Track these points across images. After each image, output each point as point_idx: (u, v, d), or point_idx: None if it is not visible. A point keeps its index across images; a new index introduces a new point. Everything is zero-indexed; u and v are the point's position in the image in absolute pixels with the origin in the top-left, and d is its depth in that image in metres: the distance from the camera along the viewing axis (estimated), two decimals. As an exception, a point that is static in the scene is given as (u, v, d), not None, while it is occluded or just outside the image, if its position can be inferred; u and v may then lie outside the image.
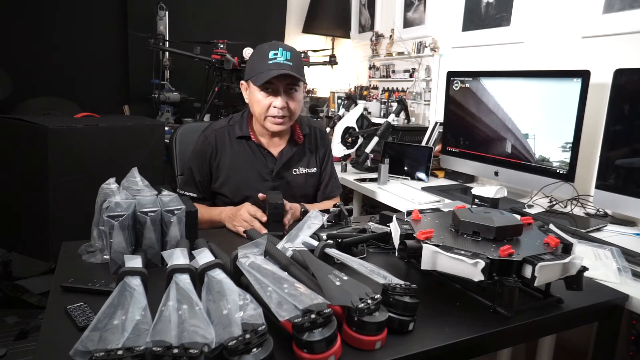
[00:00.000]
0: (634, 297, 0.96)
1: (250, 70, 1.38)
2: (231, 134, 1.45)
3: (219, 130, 1.45)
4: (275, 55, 1.32)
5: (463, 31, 2.36)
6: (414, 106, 2.71)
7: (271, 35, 3.37)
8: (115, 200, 0.94)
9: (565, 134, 1.57)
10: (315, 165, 1.54)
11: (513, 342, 1.22)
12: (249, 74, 1.38)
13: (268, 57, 1.32)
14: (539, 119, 1.66)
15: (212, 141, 1.43)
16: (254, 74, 1.35)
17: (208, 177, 1.45)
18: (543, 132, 1.65)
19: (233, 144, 1.44)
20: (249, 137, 1.44)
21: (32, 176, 1.80)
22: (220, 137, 1.44)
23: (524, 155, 1.72)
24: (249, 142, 1.45)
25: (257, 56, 1.37)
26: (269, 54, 1.32)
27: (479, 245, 0.85)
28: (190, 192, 1.44)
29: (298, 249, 0.88)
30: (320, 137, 1.57)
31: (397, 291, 0.75)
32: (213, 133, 1.45)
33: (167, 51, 2.87)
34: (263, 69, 1.32)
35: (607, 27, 1.67)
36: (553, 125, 1.61)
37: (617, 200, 1.41)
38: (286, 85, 1.35)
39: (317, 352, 0.63)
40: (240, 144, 1.45)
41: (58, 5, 2.75)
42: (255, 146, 1.45)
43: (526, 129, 1.71)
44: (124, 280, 0.72)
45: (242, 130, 1.44)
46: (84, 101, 2.79)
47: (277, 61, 1.31)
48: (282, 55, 1.32)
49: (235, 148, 1.44)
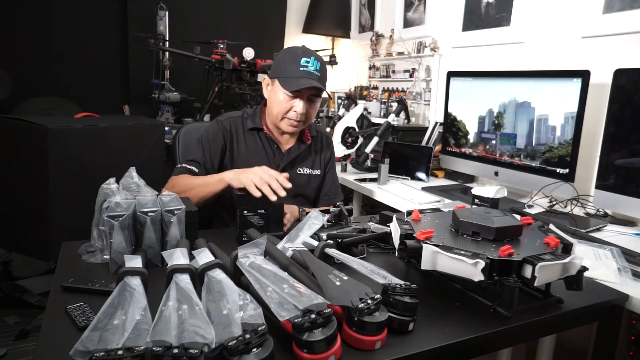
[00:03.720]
0: (634, 297, 0.96)
1: (279, 69, 1.38)
2: (245, 125, 1.47)
3: (233, 119, 1.48)
4: (307, 63, 1.34)
5: (463, 31, 2.36)
6: (414, 106, 2.71)
7: (271, 35, 3.38)
8: (115, 200, 0.94)
9: (565, 134, 1.57)
10: (319, 168, 1.55)
11: (513, 342, 1.22)
12: (278, 73, 1.38)
13: (300, 63, 1.34)
14: (538, 118, 1.66)
15: (227, 127, 1.45)
16: (283, 76, 1.36)
17: (218, 158, 1.43)
18: (543, 131, 1.65)
19: (246, 134, 1.47)
20: (261, 128, 1.46)
21: (31, 176, 1.80)
22: (234, 125, 1.47)
23: (524, 155, 1.72)
24: (261, 133, 1.47)
25: (288, 57, 1.37)
26: (301, 60, 1.34)
27: (479, 245, 0.85)
28: (191, 166, 1.39)
29: (298, 249, 0.88)
30: (327, 142, 1.60)
31: (397, 291, 0.75)
32: (228, 120, 1.47)
33: (167, 51, 2.87)
34: (293, 74, 1.34)
35: (607, 27, 1.67)
36: (552, 125, 1.61)
37: (617, 200, 1.41)
38: (310, 94, 1.38)
39: (317, 352, 0.63)
40: (252, 135, 1.47)
41: (58, 5, 2.75)
42: (266, 139, 1.47)
43: (526, 129, 1.71)
44: (124, 280, 0.72)
45: (255, 122, 1.47)
46: (84, 101, 2.79)
47: (309, 70, 1.34)
48: (313, 65, 1.35)
49: (248, 139, 1.46)
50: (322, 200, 1.57)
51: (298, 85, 1.33)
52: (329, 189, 1.58)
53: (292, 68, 1.34)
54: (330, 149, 1.61)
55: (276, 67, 1.40)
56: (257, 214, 1.14)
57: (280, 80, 1.36)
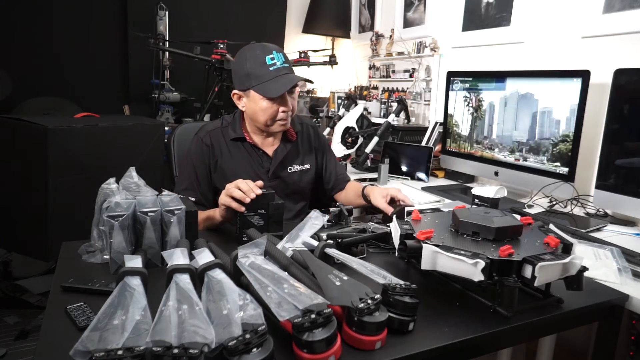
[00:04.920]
0: (634, 297, 0.96)
1: (249, 79, 1.32)
2: (225, 135, 1.43)
3: (212, 132, 1.43)
4: (272, 61, 1.30)
5: (463, 31, 2.36)
6: (414, 106, 2.71)
7: (271, 35, 3.38)
8: (115, 200, 0.94)
9: (565, 134, 1.57)
10: (309, 162, 1.53)
11: (513, 342, 1.22)
12: (250, 83, 1.32)
13: (266, 63, 1.30)
14: (538, 118, 1.66)
15: (209, 142, 1.41)
16: (257, 83, 1.30)
17: (207, 178, 1.42)
18: (542, 131, 1.65)
19: (229, 145, 1.43)
20: (244, 138, 1.43)
21: (31, 176, 1.80)
22: (215, 138, 1.42)
23: (523, 155, 1.72)
24: (244, 143, 1.44)
25: (252, 64, 1.31)
26: (266, 59, 1.30)
27: (479, 245, 0.85)
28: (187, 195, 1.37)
29: (298, 249, 0.88)
30: (313, 132, 1.57)
31: (397, 291, 0.75)
32: (207, 135, 1.42)
33: (167, 51, 2.87)
34: (266, 77, 1.29)
35: (607, 27, 1.67)
36: (552, 125, 1.61)
37: (617, 200, 1.41)
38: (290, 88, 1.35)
39: (317, 352, 0.63)
40: (236, 145, 1.43)
41: (58, 5, 2.75)
42: (251, 147, 1.44)
43: (526, 129, 1.71)
44: (124, 280, 0.72)
45: (236, 132, 1.43)
46: (84, 101, 2.79)
47: (277, 66, 1.30)
48: (279, 59, 1.31)
49: (231, 150, 1.43)
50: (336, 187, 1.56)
51: (284, 88, 1.29)
52: (336, 172, 1.57)
53: (262, 72, 1.29)
54: (318, 137, 1.57)
55: (244, 78, 1.33)
56: (257, 214, 1.14)
57: (257, 88, 1.30)
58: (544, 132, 1.64)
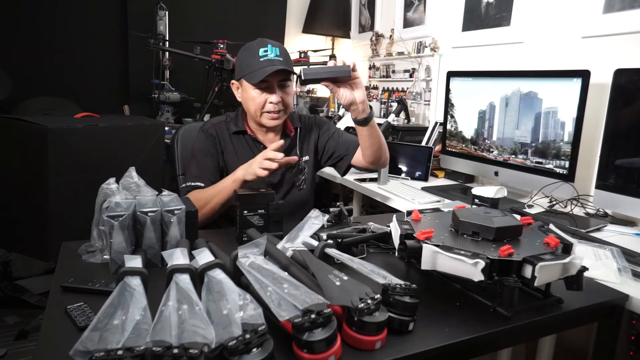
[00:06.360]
0: (634, 297, 0.96)
1: (241, 69, 1.39)
2: (229, 129, 1.47)
3: (217, 125, 1.47)
4: (265, 53, 1.34)
5: (463, 31, 2.36)
6: (414, 106, 2.71)
7: (271, 35, 3.36)
8: (115, 200, 0.94)
9: (565, 133, 1.57)
10: (308, 153, 1.54)
11: (513, 342, 1.22)
12: (241, 72, 1.39)
13: (258, 54, 1.34)
14: (538, 118, 1.66)
15: (214, 133, 1.45)
16: (246, 73, 1.36)
17: (216, 166, 1.43)
18: (542, 131, 1.65)
19: (232, 138, 1.47)
20: (245, 131, 1.46)
21: (31, 176, 1.80)
22: (219, 130, 1.47)
23: (523, 155, 1.72)
24: (246, 136, 1.47)
25: (246, 54, 1.38)
26: (259, 51, 1.34)
27: (479, 245, 0.85)
28: (196, 182, 1.37)
29: (298, 249, 0.88)
30: (314, 122, 1.58)
31: (397, 291, 0.75)
32: (213, 127, 1.46)
33: (167, 51, 2.87)
34: (255, 66, 1.34)
35: (607, 27, 1.67)
36: (552, 125, 1.61)
37: (617, 200, 1.41)
38: (280, 80, 1.37)
39: (317, 352, 0.63)
40: (238, 138, 1.47)
41: (58, 5, 2.75)
42: (252, 140, 1.47)
43: (526, 129, 1.71)
44: (124, 280, 0.72)
45: (238, 125, 1.47)
46: (84, 101, 2.79)
47: (269, 57, 1.34)
48: (272, 52, 1.35)
49: (234, 143, 1.46)
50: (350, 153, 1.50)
51: (263, 74, 1.31)
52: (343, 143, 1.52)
53: (253, 62, 1.34)
54: (317, 124, 1.57)
55: (239, 68, 1.41)
56: (257, 214, 1.14)
57: (246, 77, 1.36)
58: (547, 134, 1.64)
